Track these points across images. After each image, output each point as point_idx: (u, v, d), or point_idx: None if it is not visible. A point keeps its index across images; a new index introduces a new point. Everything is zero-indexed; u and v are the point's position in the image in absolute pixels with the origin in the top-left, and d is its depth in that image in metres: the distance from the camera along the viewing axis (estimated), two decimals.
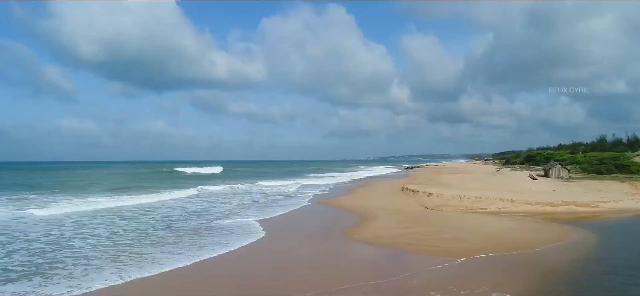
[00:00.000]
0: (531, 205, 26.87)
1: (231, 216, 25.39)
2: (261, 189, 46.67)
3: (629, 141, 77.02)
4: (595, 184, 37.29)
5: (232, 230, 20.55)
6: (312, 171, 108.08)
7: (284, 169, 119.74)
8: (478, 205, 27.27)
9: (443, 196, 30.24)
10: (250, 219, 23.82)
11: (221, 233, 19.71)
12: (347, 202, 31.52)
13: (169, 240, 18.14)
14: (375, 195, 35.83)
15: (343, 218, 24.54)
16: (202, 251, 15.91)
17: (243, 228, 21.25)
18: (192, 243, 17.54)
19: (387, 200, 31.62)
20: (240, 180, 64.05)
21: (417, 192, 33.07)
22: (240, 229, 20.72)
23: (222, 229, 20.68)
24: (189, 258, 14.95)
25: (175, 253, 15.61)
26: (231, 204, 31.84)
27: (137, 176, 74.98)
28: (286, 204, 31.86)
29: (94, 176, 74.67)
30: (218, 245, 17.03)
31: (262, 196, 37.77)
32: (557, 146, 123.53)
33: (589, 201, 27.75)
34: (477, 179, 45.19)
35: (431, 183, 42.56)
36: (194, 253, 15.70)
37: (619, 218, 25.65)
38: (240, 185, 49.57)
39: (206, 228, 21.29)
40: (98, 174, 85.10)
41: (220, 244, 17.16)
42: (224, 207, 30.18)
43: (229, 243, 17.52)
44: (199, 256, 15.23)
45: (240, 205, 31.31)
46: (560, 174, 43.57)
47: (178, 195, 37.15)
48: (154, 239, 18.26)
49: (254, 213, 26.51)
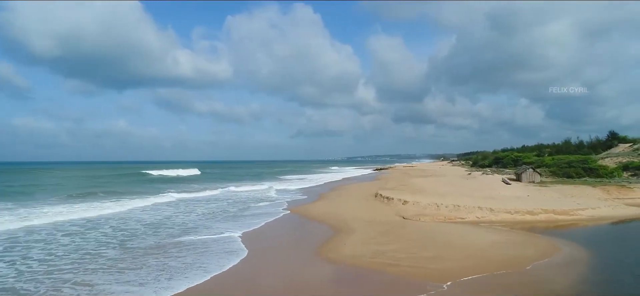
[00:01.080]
0: (511, 214, 26.05)
1: (205, 229, 23.13)
2: (235, 194, 44.14)
3: (592, 143, 79.36)
4: (568, 189, 37.25)
5: (207, 247, 18.37)
6: (283, 172, 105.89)
7: (254, 171, 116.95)
8: (456, 214, 26.17)
9: (419, 204, 29.04)
10: (228, 233, 21.70)
11: (195, 252, 17.47)
12: (321, 210, 29.83)
13: (126, 263, 15.66)
14: (349, 202, 34.30)
15: (319, 231, 22.77)
16: (172, 281, 13.34)
17: (221, 244, 19.14)
18: (157, 267, 15.11)
19: (362, 208, 30.12)
20: (210, 184, 61.42)
21: (392, 199, 31.76)
22: (218, 246, 18.64)
23: (195, 247, 18.44)
24: (154, 291, 12.46)
25: (135, 284, 13.10)
26: (203, 213, 29.52)
27: (96, 180, 70.04)
28: (263, 212, 29.92)
29: (46, 180, 69.31)
30: (192, 270, 14.67)
31: (236, 203, 35.51)
32: (520, 147, 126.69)
33: (567, 208, 27.24)
34: (450, 184, 44.56)
35: (404, 188, 41.50)
36: (161, 283, 13.12)
37: (599, 226, 25.34)
38: (212, 191, 46.59)
39: (175, 245, 18.91)
40: (52, 177, 79.43)
41: (194, 269, 14.86)
42: (195, 217, 27.81)
43: (206, 266, 15.27)
44: (168, 288, 12.64)
45: (214, 214, 29.00)
46: (532, 178, 43.58)
47: (141, 203, 34.33)
48: (105, 263, 15.70)
49: (230, 225, 24.35)
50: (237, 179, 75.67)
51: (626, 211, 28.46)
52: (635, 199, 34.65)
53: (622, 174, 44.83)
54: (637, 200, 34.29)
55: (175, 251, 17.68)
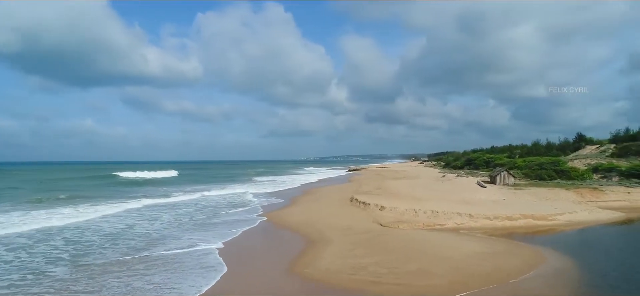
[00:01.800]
0: (490, 220, 25.54)
1: (177, 240, 21.41)
2: (210, 199, 42.06)
3: (561, 145, 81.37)
4: (543, 192, 37.38)
5: (180, 263, 16.82)
6: (257, 173, 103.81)
7: (229, 172, 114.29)
8: (435, 221, 25.43)
9: (397, 210, 28.19)
10: (204, 245, 20.14)
11: (166, 268, 15.87)
12: (297, 218, 28.50)
13: (81, 285, 13.88)
14: (325, 207, 33.13)
15: (295, 242, 21.43)
16: None
17: (195, 258, 17.60)
18: (119, 289, 13.38)
19: (338, 214, 29.00)
20: (186, 186, 59.21)
21: (369, 204, 30.80)
22: (192, 261, 17.12)
23: (166, 262, 16.83)
24: None
25: None
26: (177, 221, 27.79)
27: (61, 183, 64.88)
28: (239, 219, 28.50)
29: (4, 182, 64.83)
30: (162, 293, 13.06)
31: (211, 209, 33.90)
32: (490, 148, 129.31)
33: (545, 213, 27.01)
34: (426, 187, 44.12)
35: (380, 192, 40.72)
36: None
37: (578, 231, 25.21)
38: (189, 196, 44.16)
39: (141, 260, 17.19)
40: (10, 179, 74.84)
41: (165, 291, 13.25)
42: (167, 225, 26.04)
43: (179, 286, 13.70)
44: None
45: (188, 222, 27.22)
46: (506, 181, 43.68)
47: (109, 210, 32.09)
48: (52, 285, 13.87)
49: (206, 235, 22.77)
50: (213, 181, 73.50)
51: (601, 215, 28.52)
52: (607, 202, 35.07)
53: (592, 176, 45.63)
54: (609, 203, 34.71)
55: (141, 267, 16.05)
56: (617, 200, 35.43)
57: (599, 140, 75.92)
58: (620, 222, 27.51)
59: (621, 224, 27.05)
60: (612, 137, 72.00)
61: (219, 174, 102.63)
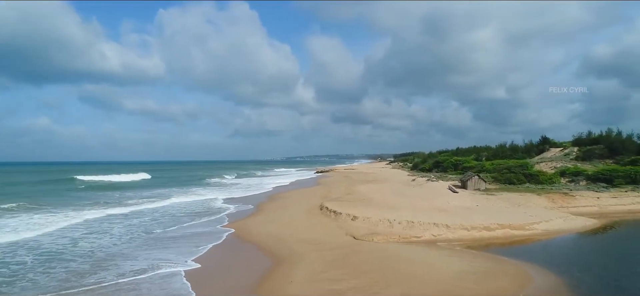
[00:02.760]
0: (467, 230, 24.55)
1: (132, 261, 18.93)
2: (174, 206, 39.20)
3: (526, 147, 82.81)
4: (515, 197, 37.11)
5: (138, 292, 14.60)
6: (222, 175, 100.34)
7: (193, 173, 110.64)
8: (411, 232, 24.19)
9: (370, 221, 26.78)
10: (168, 268, 17.79)
11: None
12: (264, 229, 26.61)
13: None
14: (293, 216, 31.36)
15: (261, 261, 19.56)
16: None
17: (158, 285, 15.45)
18: None
19: (308, 225, 27.32)
20: (146, 191, 55.96)
21: (340, 214, 29.26)
22: (155, 290, 14.91)
23: (120, 293, 14.60)
24: None
25: None
26: (132, 234, 25.28)
27: (9, 188, 58.61)
28: (204, 232, 26.40)
29: None
30: None
31: (174, 219, 31.35)
32: (455, 149, 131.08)
33: (522, 222, 26.35)
34: (397, 192, 43.15)
35: (350, 198, 39.33)
36: None
37: (556, 241, 24.76)
38: (150, 204, 40.48)
39: (86, 293, 14.73)
40: None
41: None
42: (120, 242, 23.31)
43: None
44: None
45: (147, 238, 24.37)
46: (477, 186, 43.37)
47: (60, 223, 28.38)
48: None
49: (169, 254, 20.41)
50: (178, 184, 70.52)
51: (576, 223, 28.20)
52: (578, 207, 35.09)
53: (560, 180, 46.10)
54: (580, 208, 34.73)
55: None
56: (587, 206, 35.53)
57: (561, 142, 77.74)
58: (595, 230, 27.23)
59: (596, 232, 26.75)
60: (575, 139, 73.75)
61: (184, 176, 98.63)
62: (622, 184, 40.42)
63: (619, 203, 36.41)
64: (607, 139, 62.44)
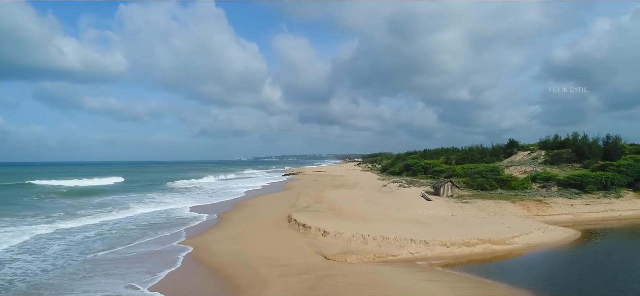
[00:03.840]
0: (447, 247, 22.93)
1: None
2: (130, 219, 35.36)
3: (494, 150, 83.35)
4: (489, 206, 36.09)
5: None
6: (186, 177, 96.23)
7: (156, 176, 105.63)
8: (387, 250, 22.33)
9: (342, 236, 24.76)
10: None
11: None
12: (226, 246, 24.20)
13: None
14: (259, 229, 28.98)
15: (222, 289, 17.12)
16: None
17: None
18: None
19: (274, 241, 25.00)
20: (107, 196, 52.27)
21: (310, 228, 27.09)
22: None
23: None
24: None
25: None
26: (74, 257, 22.08)
27: None
28: (157, 252, 23.50)
29: None
30: None
31: (127, 234, 28.37)
32: (422, 151, 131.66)
33: (503, 236, 25.03)
34: (369, 200, 41.40)
35: (320, 207, 37.24)
36: None
37: (539, 256, 23.67)
38: (106, 216, 36.29)
39: None
40: None
41: None
42: (55, 267, 20.10)
43: None
44: None
45: (91, 263, 21.06)
46: (450, 192, 42.24)
47: None
48: None
49: (114, 284, 17.51)
50: (142, 189, 66.72)
51: (556, 234, 27.27)
52: (553, 215, 34.50)
53: (531, 185, 45.69)
54: (555, 217, 34.14)
55: None
56: (562, 214, 34.95)
57: (528, 145, 78.63)
58: (575, 243, 26.31)
59: (576, 246, 25.77)
60: (542, 143, 74.63)
61: (147, 179, 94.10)
62: (594, 190, 40.23)
63: (592, 210, 36.04)
64: (573, 143, 63.17)
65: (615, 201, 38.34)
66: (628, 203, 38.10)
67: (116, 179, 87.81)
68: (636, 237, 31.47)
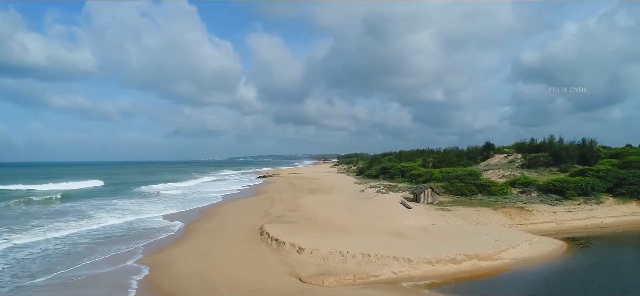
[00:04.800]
0: (432, 264, 21.24)
1: None
2: (91, 232, 31.97)
3: (469, 151, 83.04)
4: (471, 214, 34.78)
5: None
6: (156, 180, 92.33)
7: (126, 178, 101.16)
8: (368, 269, 20.44)
9: (319, 253, 22.72)
10: None
11: None
12: (190, 266, 21.82)
13: None
14: (228, 243, 26.61)
15: None
16: None
17: None
18: None
19: (244, 260, 22.72)
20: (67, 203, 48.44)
21: (283, 244, 24.91)
22: None
23: None
24: None
25: None
26: None
27: None
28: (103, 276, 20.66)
29: None
30: None
31: (72, 255, 24.79)
32: (398, 153, 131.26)
33: (490, 251, 23.57)
34: (346, 207, 39.50)
35: (294, 217, 35.09)
36: None
37: (529, 273, 22.23)
38: (64, 228, 32.79)
39: None
40: None
41: None
42: None
43: None
44: None
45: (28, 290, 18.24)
46: (430, 199, 40.84)
47: None
48: None
49: None
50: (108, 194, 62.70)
51: (543, 246, 26.09)
52: (536, 224, 33.56)
53: (511, 190, 44.87)
54: (539, 225, 33.19)
55: None
56: (545, 222, 33.99)
57: (504, 147, 78.59)
58: (563, 256, 25.11)
59: (565, 259, 24.54)
60: (518, 146, 74.63)
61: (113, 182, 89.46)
62: (574, 196, 39.54)
63: (574, 218, 35.24)
64: (550, 146, 63.11)
65: (597, 207, 37.71)
66: (609, 209, 37.52)
67: (83, 184, 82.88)
68: (622, 248, 30.49)
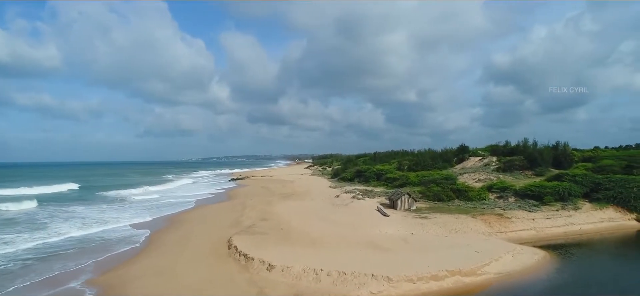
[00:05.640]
0: (413, 283, 19.71)
1: None
2: (38, 248, 28.62)
3: (443, 153, 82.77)
4: (450, 222, 33.59)
5: None
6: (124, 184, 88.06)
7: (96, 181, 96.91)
8: (345, 290, 18.76)
9: (291, 271, 20.86)
10: None
11: None
12: (144, 290, 19.43)
13: None
14: (192, 259, 24.39)
15: None
16: None
17: None
18: None
19: (210, 279, 20.61)
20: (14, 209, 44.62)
21: (252, 260, 22.91)
22: None
23: None
24: None
25: None
26: None
27: None
28: None
29: None
30: None
31: (14, 273, 22.18)
32: (372, 154, 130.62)
33: (473, 266, 22.25)
34: (321, 216, 37.71)
35: (266, 227, 33.08)
36: None
37: (513, 287, 20.98)
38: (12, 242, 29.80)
39: None
40: None
41: None
42: None
43: None
44: None
45: None
46: (407, 205, 39.51)
47: None
48: None
49: None
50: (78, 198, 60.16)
51: (526, 258, 25.03)
52: (516, 231, 32.69)
53: (488, 195, 44.11)
54: (518, 233, 32.36)
55: None
56: (524, 229, 33.14)
57: (478, 150, 78.65)
58: (547, 268, 24.10)
59: (549, 273, 23.50)
60: (492, 149, 74.69)
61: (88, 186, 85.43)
62: (552, 202, 38.98)
63: (553, 225, 34.53)
64: (525, 149, 63.13)
65: (574, 213, 37.19)
66: (586, 215, 37.05)
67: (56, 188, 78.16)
68: (604, 260, 29.36)
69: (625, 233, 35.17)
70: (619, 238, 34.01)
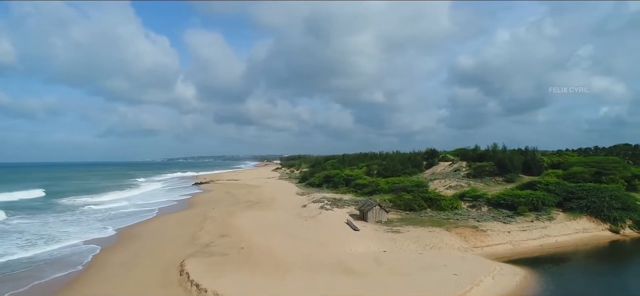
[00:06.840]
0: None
1: None
2: None
3: (412, 156, 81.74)
4: (424, 236, 31.71)
5: None
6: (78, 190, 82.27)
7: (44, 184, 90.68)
8: None
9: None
10: None
11: None
12: None
13: None
14: (136, 287, 21.18)
15: None
16: None
17: None
18: None
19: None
20: None
21: (205, 292, 19.98)
22: None
23: None
24: None
25: None
26: None
27: None
28: None
29: None
30: None
31: None
32: (341, 156, 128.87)
33: (454, 294, 19.95)
34: (287, 231, 34.98)
35: (226, 245, 30.12)
36: None
37: None
38: None
39: None
40: None
41: None
42: None
43: None
44: None
45: None
46: (379, 217, 37.43)
47: None
48: None
49: None
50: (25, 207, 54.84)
51: (507, 281, 23.26)
52: (492, 245, 31.20)
53: (460, 204, 42.67)
54: (494, 248, 30.87)
55: None
56: (500, 243, 31.63)
57: (446, 153, 77.97)
58: (527, 291, 22.31)
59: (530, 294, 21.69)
60: (460, 151, 74.14)
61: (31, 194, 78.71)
62: (526, 212, 37.83)
63: (529, 237, 33.21)
64: (494, 155, 62.50)
65: (549, 224, 36.06)
66: (561, 226, 35.99)
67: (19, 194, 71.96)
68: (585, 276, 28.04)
69: (599, 244, 34.29)
70: (594, 249, 33.09)
